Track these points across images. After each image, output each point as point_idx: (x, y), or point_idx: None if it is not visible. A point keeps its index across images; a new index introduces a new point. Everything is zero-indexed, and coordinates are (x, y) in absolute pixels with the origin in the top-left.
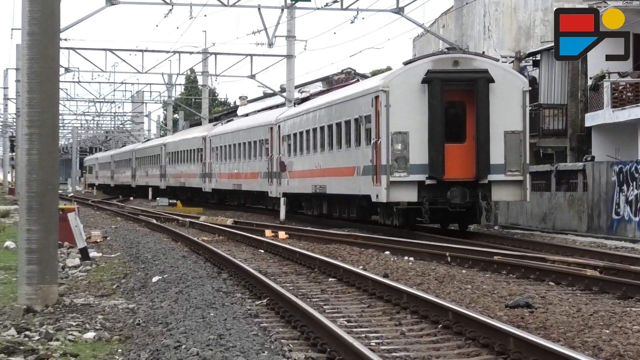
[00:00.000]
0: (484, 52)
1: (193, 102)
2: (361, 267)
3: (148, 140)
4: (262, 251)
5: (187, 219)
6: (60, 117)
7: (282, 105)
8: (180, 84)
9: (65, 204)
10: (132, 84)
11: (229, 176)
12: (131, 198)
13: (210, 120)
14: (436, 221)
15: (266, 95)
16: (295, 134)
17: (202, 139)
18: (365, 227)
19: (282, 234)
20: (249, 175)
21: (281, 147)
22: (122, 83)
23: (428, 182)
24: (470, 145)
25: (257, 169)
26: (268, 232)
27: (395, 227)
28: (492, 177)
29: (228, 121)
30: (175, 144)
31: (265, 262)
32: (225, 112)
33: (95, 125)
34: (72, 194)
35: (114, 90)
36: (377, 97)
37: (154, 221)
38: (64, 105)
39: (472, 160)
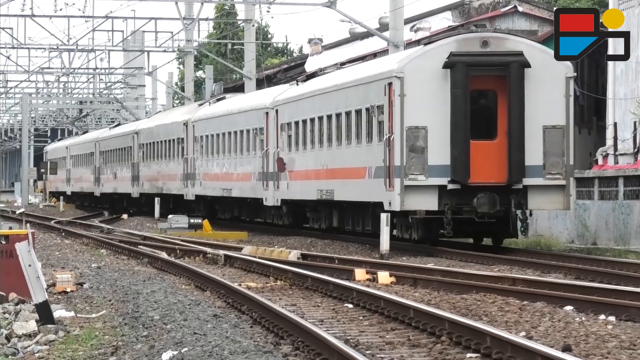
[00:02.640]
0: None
1: (230, 50)
2: (523, 333)
3: (118, 124)
4: (351, 306)
5: (222, 251)
6: (1, 75)
7: (383, 53)
8: (207, 19)
9: (10, 228)
10: (125, 19)
11: (216, 178)
12: (124, 216)
13: (261, 82)
14: (461, 234)
15: (354, 37)
16: (297, 123)
17: (182, 124)
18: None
19: (384, 276)
20: (241, 176)
21: (279, 138)
22: (106, 18)
23: (450, 186)
24: (502, 142)
25: (249, 169)
26: (360, 274)
27: (414, 241)
28: (528, 181)
29: (218, 99)
30: (151, 132)
31: (357, 326)
32: (285, 66)
33: (62, 91)
34: (22, 210)
35: (93, 30)
36: (390, 84)
37: (164, 255)
38: (7, 57)
39: (503, 160)
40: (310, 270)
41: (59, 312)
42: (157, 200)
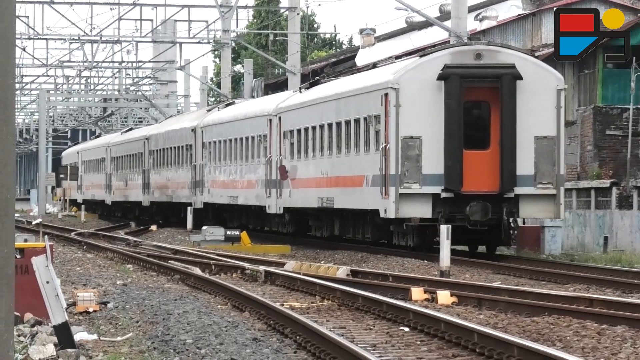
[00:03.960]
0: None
1: (271, 42)
2: None
3: (130, 129)
4: (407, 329)
5: (262, 267)
6: (17, 69)
7: (443, 46)
8: (246, 7)
9: (26, 240)
10: (154, 6)
11: (224, 185)
12: (152, 227)
13: (306, 77)
14: (454, 241)
15: (412, 27)
16: (299, 130)
17: (191, 131)
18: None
19: (444, 296)
20: (246, 183)
21: (282, 146)
22: (134, 5)
23: (444, 195)
24: (495, 152)
25: (254, 176)
26: (418, 293)
27: (410, 248)
28: (519, 190)
29: (227, 104)
30: (161, 138)
31: (414, 351)
32: (333, 60)
33: (84, 87)
34: (39, 220)
35: (119, 19)
36: (386, 95)
37: (198, 271)
38: (23, 49)
39: (496, 170)
40: (361, 288)
41: (80, 335)
42: (189, 209)
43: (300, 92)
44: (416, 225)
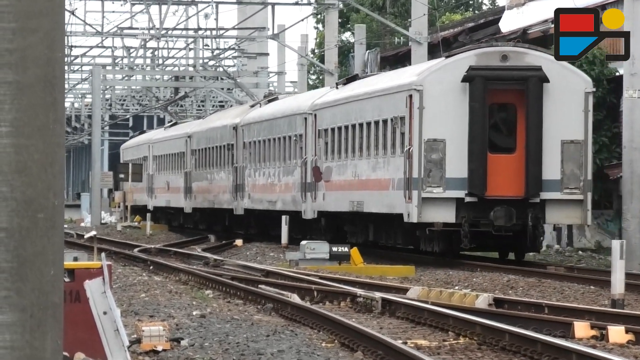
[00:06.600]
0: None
1: (390, 3)
2: None
3: (174, 124)
4: None
5: (378, 294)
6: (66, 39)
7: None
8: None
9: (76, 259)
10: None
11: (263, 189)
12: (237, 242)
13: (435, 48)
14: (478, 247)
15: None
16: (333, 130)
17: (232, 129)
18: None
19: (617, 333)
20: (283, 187)
21: (317, 145)
22: None
23: (468, 199)
24: (520, 156)
25: (291, 179)
26: (582, 328)
27: (436, 254)
28: (545, 195)
29: (270, 100)
30: (203, 136)
31: None
32: (471, 24)
33: (150, 61)
34: (93, 233)
35: None
36: (410, 96)
37: (296, 299)
38: (72, 12)
39: (521, 174)
40: (508, 322)
41: None
42: (284, 219)
43: (337, 88)
44: (440, 230)
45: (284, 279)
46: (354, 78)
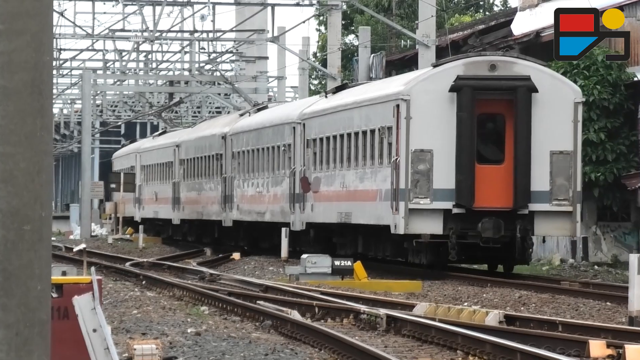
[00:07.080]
0: None
1: (396, 4)
2: None
3: (163, 132)
4: None
5: (382, 310)
6: (54, 42)
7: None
8: None
9: (64, 273)
10: None
11: (252, 200)
12: (234, 256)
13: (444, 51)
14: (466, 259)
15: None
16: (321, 139)
17: (221, 138)
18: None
19: (634, 351)
20: (272, 198)
21: (305, 155)
22: None
23: (455, 210)
24: (509, 167)
25: (279, 190)
26: (597, 347)
27: (424, 266)
28: (534, 206)
29: (259, 109)
30: (192, 145)
31: None
32: (482, 27)
33: (143, 65)
34: (83, 246)
35: None
36: (397, 106)
37: (296, 315)
38: (61, 13)
39: (509, 185)
40: (520, 340)
41: None
42: (284, 231)
43: (326, 96)
44: (427, 242)
45: (283, 295)
46: (344, 87)
